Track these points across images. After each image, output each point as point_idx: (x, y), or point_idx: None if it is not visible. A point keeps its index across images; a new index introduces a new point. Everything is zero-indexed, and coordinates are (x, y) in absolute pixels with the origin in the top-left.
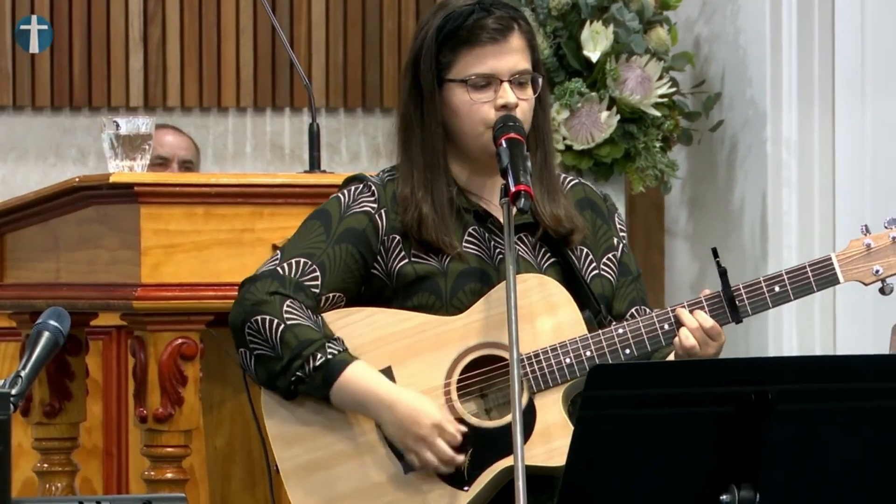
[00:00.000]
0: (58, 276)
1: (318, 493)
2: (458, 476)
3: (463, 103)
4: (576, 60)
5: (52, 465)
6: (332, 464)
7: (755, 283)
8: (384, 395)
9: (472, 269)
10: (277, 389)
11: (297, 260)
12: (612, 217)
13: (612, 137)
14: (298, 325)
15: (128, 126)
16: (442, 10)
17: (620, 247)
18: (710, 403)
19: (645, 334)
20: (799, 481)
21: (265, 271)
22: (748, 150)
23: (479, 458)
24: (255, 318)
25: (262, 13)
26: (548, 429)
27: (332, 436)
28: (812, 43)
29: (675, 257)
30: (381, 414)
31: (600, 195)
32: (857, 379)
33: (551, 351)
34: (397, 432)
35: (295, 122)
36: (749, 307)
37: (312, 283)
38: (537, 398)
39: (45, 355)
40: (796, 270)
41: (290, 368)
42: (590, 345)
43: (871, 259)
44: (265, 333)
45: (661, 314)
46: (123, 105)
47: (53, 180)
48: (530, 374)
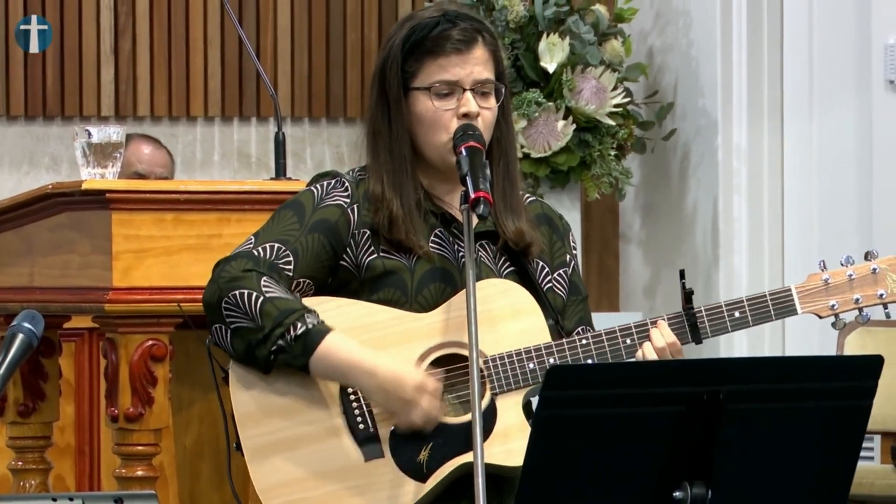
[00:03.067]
0: (31, 279)
1: (280, 473)
2: (417, 468)
3: (427, 110)
4: (533, 71)
5: (26, 463)
6: (296, 446)
7: (716, 307)
8: (365, 363)
9: (437, 268)
10: (256, 360)
11: (272, 244)
12: (566, 235)
13: (568, 146)
14: (278, 297)
15: (99, 135)
16: (409, 22)
17: (572, 265)
18: (664, 403)
19: (607, 346)
20: (749, 477)
21: (240, 252)
22: (700, 159)
23: (439, 452)
24: (233, 292)
25: (230, 25)
26: (507, 429)
27: (299, 417)
28: (761, 55)
29: (630, 262)
30: (361, 381)
31: (556, 214)
32: (804, 379)
33: (516, 355)
34: (380, 398)
35: (261, 131)
36: (709, 329)
37: (286, 266)
38: (499, 399)
39: (19, 357)
40: (756, 298)
41: (271, 337)
42: (553, 352)
43: (828, 294)
44: (244, 306)
45: (623, 329)
46: (95, 114)
47: (27, 187)
48: (494, 375)
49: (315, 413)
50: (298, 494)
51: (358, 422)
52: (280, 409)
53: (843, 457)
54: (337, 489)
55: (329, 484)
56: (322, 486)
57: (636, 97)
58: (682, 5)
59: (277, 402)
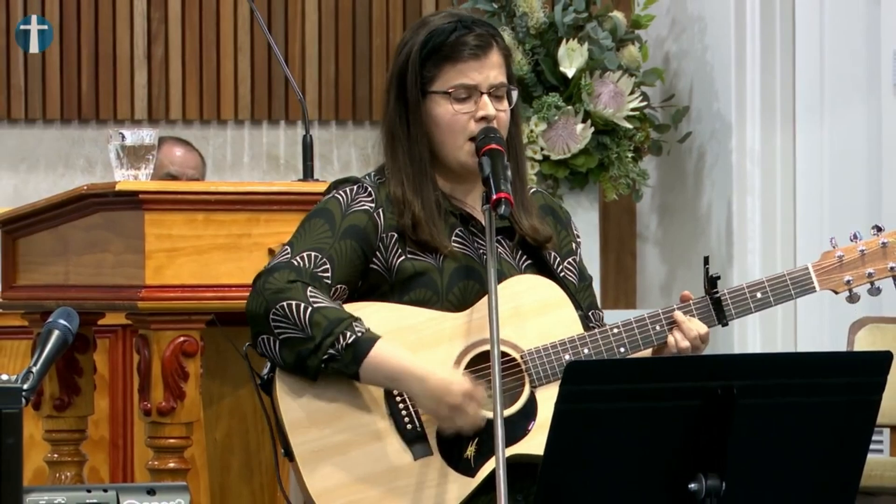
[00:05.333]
0: (67, 278)
1: (333, 477)
2: (465, 464)
3: (445, 113)
4: (553, 76)
5: (61, 456)
6: (346, 449)
7: (738, 289)
8: (416, 370)
9: (462, 266)
10: (307, 369)
11: (309, 254)
12: (569, 223)
13: (586, 148)
14: (325, 307)
15: (133, 137)
16: (424, 28)
17: (578, 252)
18: (680, 398)
19: (638, 334)
20: (762, 470)
21: (280, 262)
22: (714, 161)
23: (485, 447)
24: (280, 304)
25: (259, 32)
26: (548, 421)
27: (347, 422)
28: (774, 60)
29: (647, 261)
30: (412, 386)
31: (556, 203)
32: (816, 375)
33: (552, 347)
34: (429, 403)
35: (289, 133)
36: (734, 311)
37: (324, 274)
38: (538, 391)
39: (54, 352)
40: (776, 278)
41: (322, 347)
42: (587, 343)
43: (843, 270)
44: (293, 317)
45: (652, 316)
46: (129, 118)
47: (63, 189)
48: (532, 368)
49: (362, 417)
50: (353, 496)
51: (406, 423)
52: (328, 415)
53: (853, 450)
54: (389, 489)
55: (382, 484)
56: (375, 487)
57: (652, 101)
58: (697, 12)
59: (325, 408)
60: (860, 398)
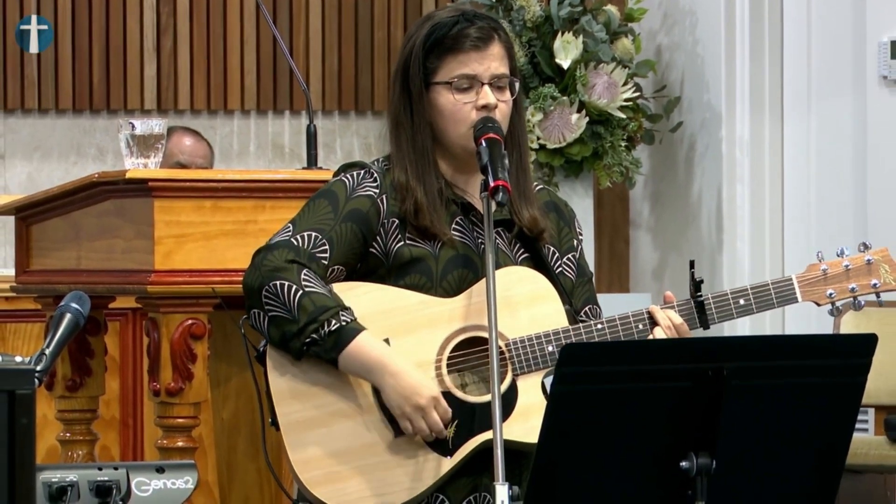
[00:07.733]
0: (79, 263)
1: (314, 448)
2: (443, 444)
3: (448, 103)
4: (548, 67)
5: (73, 435)
6: (330, 422)
7: (722, 295)
8: (392, 366)
9: (459, 255)
10: (289, 349)
11: (309, 233)
12: (572, 221)
13: (581, 137)
14: (315, 293)
15: (142, 127)
16: (428, 21)
17: (579, 249)
18: (671, 379)
19: (621, 331)
20: (751, 448)
21: (280, 241)
22: (705, 150)
23: (464, 429)
24: (274, 282)
25: (265, 25)
26: (527, 408)
27: (332, 396)
28: (763, 52)
29: (639, 246)
30: (385, 380)
31: (562, 201)
32: (803, 357)
33: (535, 338)
34: (397, 399)
35: (294, 123)
36: (716, 315)
37: (322, 255)
38: (520, 380)
39: (67, 335)
40: (760, 287)
41: (305, 331)
42: (571, 336)
43: (826, 283)
44: (283, 297)
45: (636, 314)
46: (138, 108)
47: (75, 176)
48: (515, 357)
49: (348, 392)
50: (332, 468)
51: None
52: (315, 389)
53: (839, 429)
54: (368, 463)
55: (361, 458)
56: (354, 460)
57: (645, 92)
58: (688, 6)
59: (313, 381)
60: (846, 379)
